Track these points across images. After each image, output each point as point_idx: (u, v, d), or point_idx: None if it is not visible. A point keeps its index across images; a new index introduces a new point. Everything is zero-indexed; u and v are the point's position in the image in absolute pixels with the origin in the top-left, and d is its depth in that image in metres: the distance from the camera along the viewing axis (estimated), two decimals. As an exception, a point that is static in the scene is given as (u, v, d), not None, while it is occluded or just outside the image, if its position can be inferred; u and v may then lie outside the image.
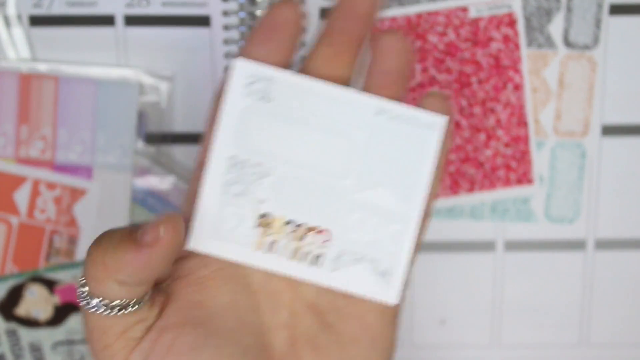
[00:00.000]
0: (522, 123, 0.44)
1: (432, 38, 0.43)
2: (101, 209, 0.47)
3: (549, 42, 0.45)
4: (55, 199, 0.47)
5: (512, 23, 0.43)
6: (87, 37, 0.46)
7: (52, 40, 0.46)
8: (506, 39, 0.43)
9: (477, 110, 0.44)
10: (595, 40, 0.45)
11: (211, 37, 0.45)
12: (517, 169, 0.45)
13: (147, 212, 0.47)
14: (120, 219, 0.47)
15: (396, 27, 0.43)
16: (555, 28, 0.45)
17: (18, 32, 0.46)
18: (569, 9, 0.45)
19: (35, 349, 0.48)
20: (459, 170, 0.45)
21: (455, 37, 0.43)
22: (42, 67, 0.46)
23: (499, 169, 0.45)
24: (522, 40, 0.44)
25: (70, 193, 0.47)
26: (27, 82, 0.46)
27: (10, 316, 0.48)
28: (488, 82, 0.43)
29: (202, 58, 0.46)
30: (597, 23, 0.45)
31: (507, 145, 0.44)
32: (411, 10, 0.44)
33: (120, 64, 0.46)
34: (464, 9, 0.43)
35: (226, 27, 0.45)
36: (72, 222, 0.47)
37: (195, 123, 0.47)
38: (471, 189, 0.45)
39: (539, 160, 0.46)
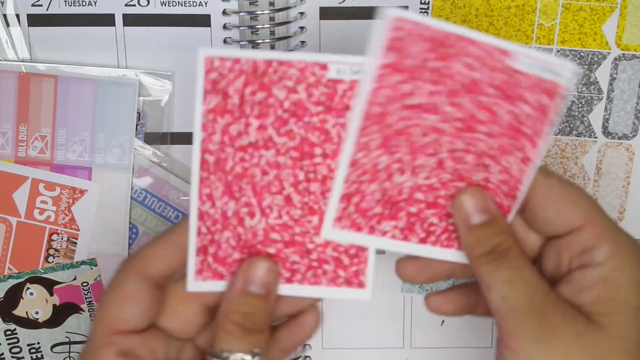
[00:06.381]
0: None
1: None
2: (101, 209, 0.47)
3: (589, 131, 0.46)
4: (55, 199, 0.47)
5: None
6: (86, 36, 0.45)
7: (51, 39, 0.46)
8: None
9: (315, 187, 0.36)
10: (634, 130, 0.46)
11: (211, 37, 0.45)
12: (349, 267, 0.37)
13: (146, 212, 0.47)
14: (119, 219, 0.47)
15: None
16: (595, 117, 0.46)
17: (17, 31, 0.45)
18: (610, 100, 0.46)
19: (35, 350, 0.48)
20: (279, 254, 0.36)
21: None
22: (41, 67, 0.45)
23: (327, 262, 0.37)
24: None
25: (70, 193, 0.47)
26: (26, 81, 0.46)
27: (9, 316, 0.48)
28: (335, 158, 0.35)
29: (202, 58, 0.46)
30: (637, 114, 0.46)
31: None
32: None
33: (120, 64, 0.46)
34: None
35: (226, 27, 0.45)
36: (71, 222, 0.47)
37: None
38: (290, 280, 0.37)
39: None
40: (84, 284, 0.47)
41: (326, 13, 0.45)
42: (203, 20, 0.45)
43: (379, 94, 0.34)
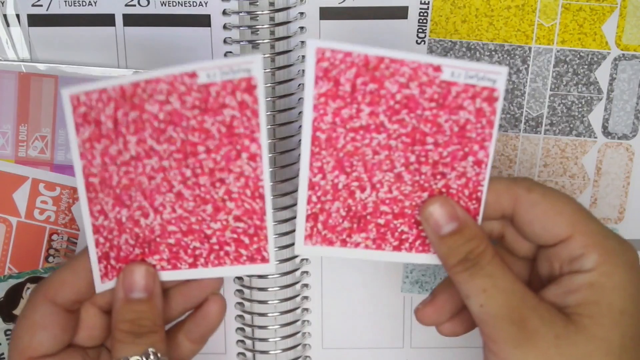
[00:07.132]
0: (258, 196, 0.37)
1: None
2: (101, 209, 0.47)
3: (589, 131, 0.46)
4: (55, 199, 0.47)
5: (250, 88, 0.35)
6: (86, 36, 0.45)
7: (51, 39, 0.46)
8: (242, 105, 0.35)
9: (204, 180, 0.37)
10: (634, 130, 0.46)
11: (211, 37, 0.45)
12: (250, 246, 0.38)
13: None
14: (119, 219, 0.47)
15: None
16: (595, 117, 0.46)
17: (17, 31, 0.45)
18: (610, 100, 0.46)
19: (35, 350, 0.48)
20: (179, 242, 0.38)
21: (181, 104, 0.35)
22: (41, 67, 0.45)
23: (228, 244, 0.38)
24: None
25: (70, 193, 0.47)
26: (26, 81, 0.46)
27: (9, 316, 0.48)
28: (218, 152, 0.36)
29: (202, 58, 0.46)
30: (637, 114, 0.46)
31: (238, 219, 0.38)
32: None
33: (120, 64, 0.46)
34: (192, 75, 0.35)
35: (226, 27, 0.45)
36: (71, 222, 0.47)
37: (195, 123, 0.47)
38: (194, 265, 0.38)
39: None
40: (84, 284, 0.47)
41: (326, 13, 0.45)
42: (203, 20, 0.45)
43: (322, 121, 0.36)
